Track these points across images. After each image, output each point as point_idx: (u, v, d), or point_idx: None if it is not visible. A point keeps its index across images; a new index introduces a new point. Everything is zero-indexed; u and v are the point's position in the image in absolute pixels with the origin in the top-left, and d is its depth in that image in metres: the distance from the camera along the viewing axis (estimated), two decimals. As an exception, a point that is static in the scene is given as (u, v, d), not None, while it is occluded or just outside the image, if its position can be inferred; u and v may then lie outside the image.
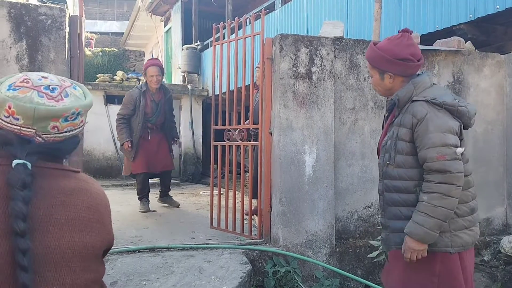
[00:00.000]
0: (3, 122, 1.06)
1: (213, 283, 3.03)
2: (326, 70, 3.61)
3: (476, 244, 3.91)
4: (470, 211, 2.09)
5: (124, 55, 17.30)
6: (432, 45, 4.15)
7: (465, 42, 4.21)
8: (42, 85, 1.08)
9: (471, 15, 4.55)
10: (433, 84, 2.16)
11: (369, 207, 3.83)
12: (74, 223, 1.05)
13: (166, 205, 5.61)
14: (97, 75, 11.42)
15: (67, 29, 3.15)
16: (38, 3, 3.00)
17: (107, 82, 10.23)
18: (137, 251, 3.41)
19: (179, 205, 5.57)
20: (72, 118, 1.11)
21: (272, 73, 3.62)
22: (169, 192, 5.67)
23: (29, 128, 1.05)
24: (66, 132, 1.11)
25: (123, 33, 17.45)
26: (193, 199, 6.63)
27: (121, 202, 6.10)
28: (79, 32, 3.33)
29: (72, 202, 1.07)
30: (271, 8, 7.93)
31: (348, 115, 3.77)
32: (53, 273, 1.00)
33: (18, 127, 1.05)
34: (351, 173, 3.77)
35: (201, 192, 7.22)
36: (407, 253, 2.01)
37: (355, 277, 3.57)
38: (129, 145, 5.05)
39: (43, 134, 1.07)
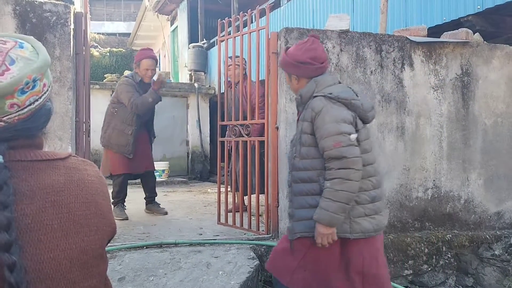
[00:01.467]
0: None
1: (220, 278, 3.01)
2: (332, 63, 3.58)
3: (487, 237, 3.88)
4: (371, 199, 2.23)
5: (131, 55, 17.34)
6: (439, 38, 4.10)
7: (473, 34, 4.15)
8: None
9: (479, 7, 4.48)
10: (337, 83, 2.36)
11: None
12: (69, 225, 0.89)
13: (152, 212, 5.00)
14: (105, 75, 11.46)
15: (72, 26, 3.15)
16: (43, 0, 3.00)
17: (114, 82, 10.26)
18: (144, 247, 3.41)
19: (166, 212, 4.92)
20: (30, 87, 0.90)
21: (278, 68, 3.59)
22: (156, 198, 5.07)
23: None
24: (29, 105, 0.91)
25: (130, 33, 17.53)
26: (201, 196, 6.63)
27: (129, 200, 6.08)
28: (84, 28, 3.33)
29: (64, 200, 0.90)
30: (276, 5, 7.90)
31: (355, 109, 3.73)
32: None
33: None
34: (358, 168, 3.73)
35: (209, 190, 7.23)
36: (318, 238, 2.15)
37: (364, 272, 3.53)
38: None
39: (3, 117, 0.88)
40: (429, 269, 3.78)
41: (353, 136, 2.14)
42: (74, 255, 0.89)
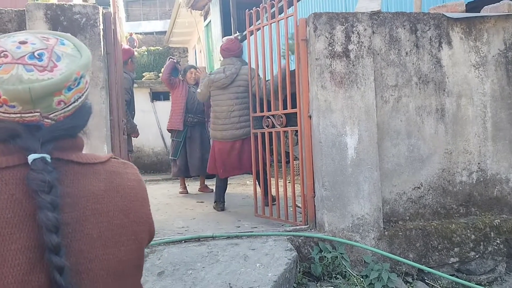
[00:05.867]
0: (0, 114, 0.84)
1: (258, 271, 3.00)
2: (364, 46, 3.46)
3: None
4: (221, 123, 4.57)
5: (168, 53, 17.57)
6: (479, 12, 3.87)
7: (517, 6, 3.89)
8: (25, 55, 0.84)
9: (522, -24, 4.19)
10: (225, 65, 4.63)
11: (418, 187, 3.66)
12: (107, 235, 0.87)
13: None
14: (143, 74, 11.69)
15: (101, 26, 3.20)
16: (72, 3, 3.06)
17: (152, 80, 10.46)
18: (183, 241, 3.44)
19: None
20: (76, 84, 0.88)
21: (308, 55, 3.51)
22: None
23: (32, 113, 0.84)
24: (74, 102, 0.89)
25: (167, 31, 17.77)
26: (239, 188, 6.65)
27: (170, 195, 6.23)
28: (113, 28, 3.38)
29: (104, 208, 0.88)
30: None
31: (390, 92, 3.60)
32: None
33: (19, 115, 0.83)
34: (397, 153, 3.61)
35: (247, 182, 7.23)
36: None
37: (407, 261, 3.42)
38: None
39: (50, 114, 0.86)
40: (477, 256, 3.60)
41: (198, 90, 5.00)
42: (111, 265, 0.87)
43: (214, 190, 4.93)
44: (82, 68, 0.88)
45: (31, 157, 0.80)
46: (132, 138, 5.25)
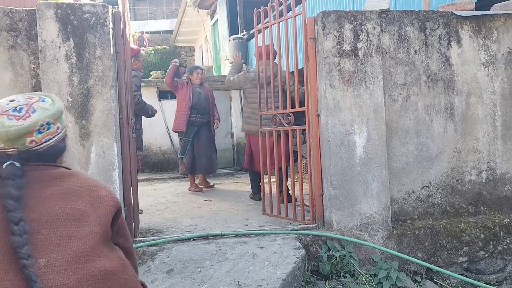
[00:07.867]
0: None
1: (266, 269, 3.00)
2: (373, 45, 3.45)
3: None
4: (246, 117, 5.07)
5: (175, 52, 17.67)
6: (489, 10, 3.85)
7: (527, 4, 3.86)
8: (10, 109, 1.22)
9: (533, -26, 4.16)
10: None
11: (427, 186, 3.64)
12: (66, 195, 1.20)
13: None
14: (150, 73, 11.75)
15: (111, 25, 3.21)
16: (82, 2, 3.07)
17: (159, 79, 10.49)
18: (191, 239, 3.46)
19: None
20: (45, 129, 1.25)
21: (316, 53, 3.51)
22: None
23: (11, 148, 1.21)
24: (45, 142, 1.26)
25: (173, 30, 17.83)
26: (247, 187, 6.64)
27: (178, 193, 6.25)
28: (123, 27, 3.39)
29: (62, 183, 1.23)
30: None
31: (399, 91, 3.59)
32: (49, 229, 1.14)
33: (2, 150, 1.22)
34: (405, 152, 3.60)
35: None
36: None
37: (416, 260, 3.41)
38: None
39: (24, 150, 1.22)
40: (486, 255, 3.59)
41: (230, 78, 5.11)
42: (70, 211, 1.18)
43: (251, 184, 5.47)
44: (48, 117, 1.25)
45: (5, 164, 1.19)
46: (142, 135, 5.13)
